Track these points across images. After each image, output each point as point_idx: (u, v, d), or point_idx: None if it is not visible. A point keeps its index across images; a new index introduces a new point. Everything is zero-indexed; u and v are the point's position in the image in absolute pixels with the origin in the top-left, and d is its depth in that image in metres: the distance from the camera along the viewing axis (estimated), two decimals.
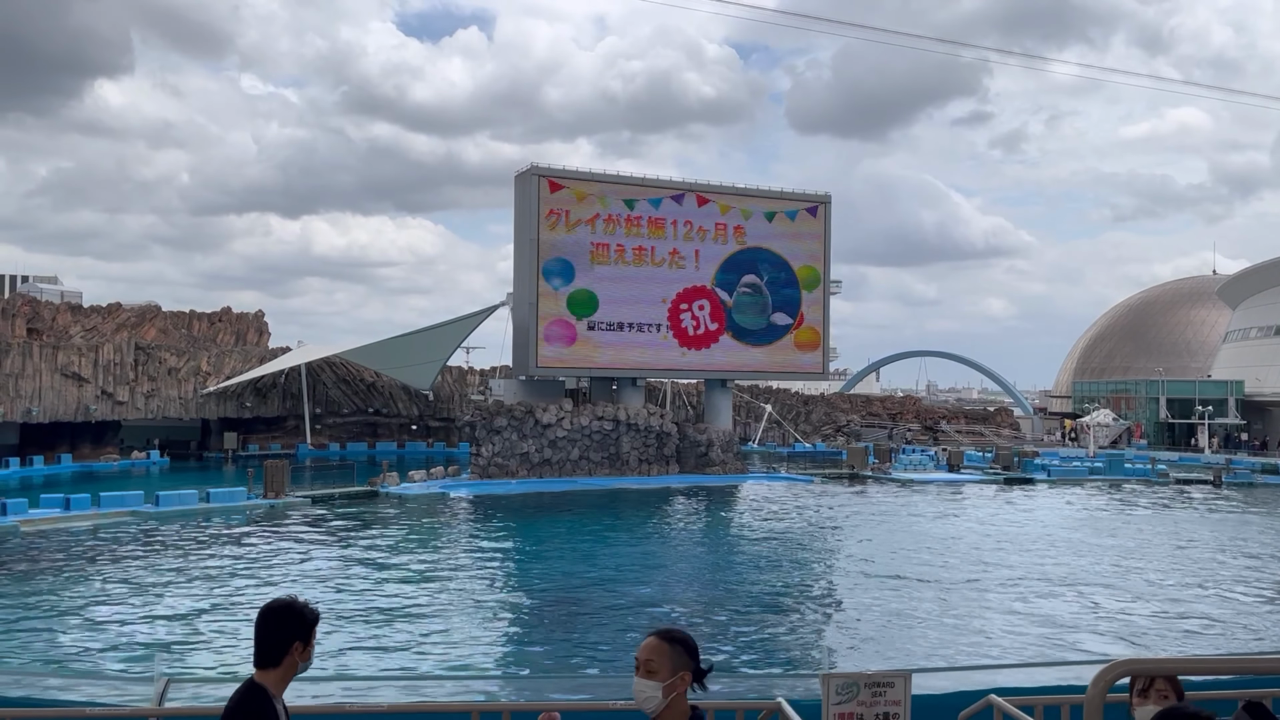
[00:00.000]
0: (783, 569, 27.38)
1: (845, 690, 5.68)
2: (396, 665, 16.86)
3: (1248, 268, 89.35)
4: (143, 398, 58.52)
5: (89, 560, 26.32)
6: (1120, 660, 3.45)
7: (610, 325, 52.67)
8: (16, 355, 53.61)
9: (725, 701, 7.84)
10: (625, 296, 52.88)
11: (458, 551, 29.68)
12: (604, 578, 25.49)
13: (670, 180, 55.25)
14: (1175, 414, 77.64)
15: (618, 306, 52.76)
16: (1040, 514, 39.93)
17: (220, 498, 37.03)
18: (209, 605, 21.13)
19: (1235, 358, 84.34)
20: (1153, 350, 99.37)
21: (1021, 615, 21.25)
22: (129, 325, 63.40)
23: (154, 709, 6.93)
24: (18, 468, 48.88)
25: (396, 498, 41.31)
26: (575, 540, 32.52)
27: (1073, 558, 28.89)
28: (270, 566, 25.97)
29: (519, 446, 48.94)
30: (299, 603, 4.25)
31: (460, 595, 22.89)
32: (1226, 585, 25.16)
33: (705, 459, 52.39)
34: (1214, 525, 37.19)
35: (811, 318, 57.29)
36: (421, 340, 59.71)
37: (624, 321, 52.94)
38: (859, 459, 55.88)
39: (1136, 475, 54.30)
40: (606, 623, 20.49)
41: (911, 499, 44.15)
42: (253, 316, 70.21)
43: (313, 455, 57.50)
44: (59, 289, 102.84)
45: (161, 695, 7.16)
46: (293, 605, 4.25)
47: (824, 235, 57.65)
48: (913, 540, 31.98)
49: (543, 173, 51.71)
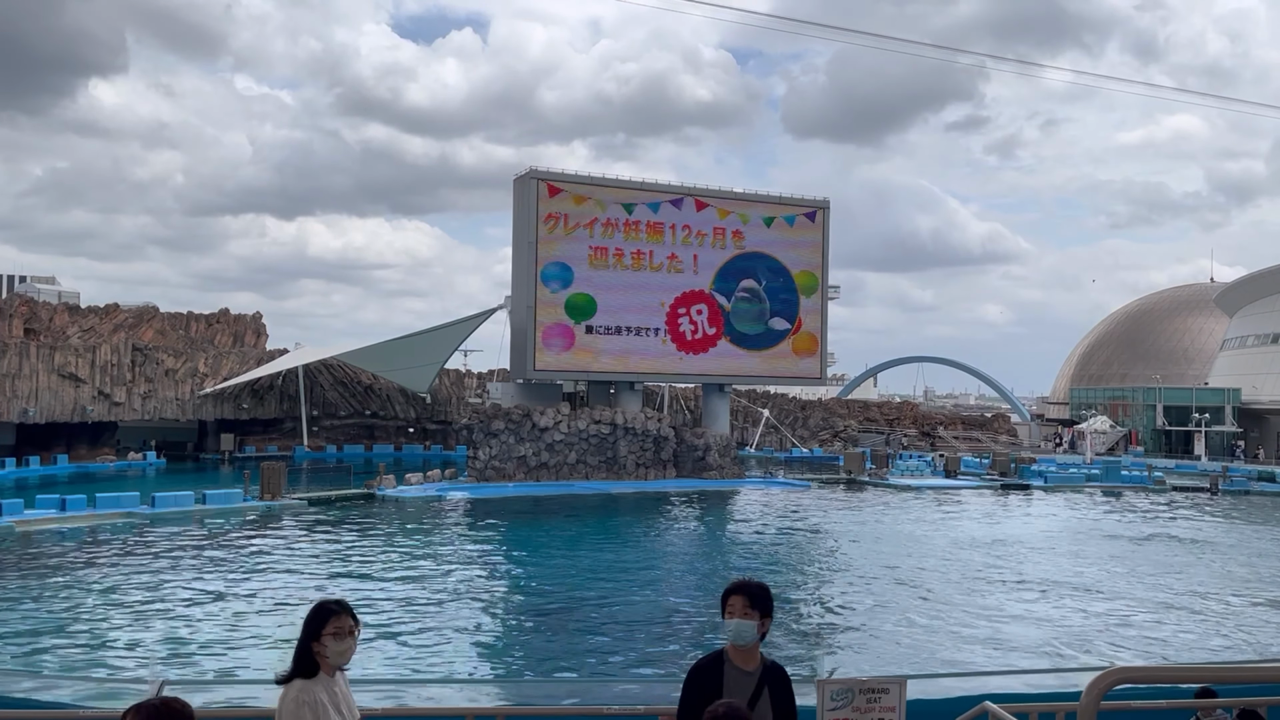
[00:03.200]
0: (778, 574, 27.37)
1: (840, 696, 5.68)
2: (390, 669, 16.84)
3: (1245, 275, 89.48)
4: (139, 399, 58.47)
5: (84, 561, 26.28)
6: (1114, 668, 3.46)
7: (608, 329, 52.67)
8: (13, 355, 53.56)
9: None
10: (623, 301, 52.89)
11: (453, 555, 29.65)
12: (600, 582, 25.47)
13: (669, 185, 55.29)
14: (1172, 421, 77.72)
15: (616, 311, 52.77)
16: (1036, 520, 39.96)
17: (216, 499, 36.98)
18: (205, 607, 21.10)
19: (1232, 365, 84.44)
20: (1150, 357, 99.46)
21: (1017, 621, 21.26)
22: (126, 326, 63.35)
23: None
24: (13, 468, 48.81)
25: (393, 500, 41.28)
26: (571, 544, 32.50)
27: (1068, 563, 28.91)
28: (266, 568, 25.93)
29: (516, 450, 48.93)
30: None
31: (455, 599, 22.87)
32: (1222, 593, 25.17)
33: (702, 463, 52.39)
34: (1210, 532, 37.22)
35: (809, 323, 57.30)
36: (419, 343, 59.69)
37: (622, 326, 52.95)
38: (856, 464, 55.88)
39: (1133, 482, 54.34)
40: (601, 627, 20.48)
41: (908, 505, 44.16)
42: (250, 318, 70.19)
43: (309, 457, 57.46)
44: (56, 289, 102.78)
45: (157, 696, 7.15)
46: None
47: (822, 240, 57.71)
48: (908, 546, 31.98)
49: (541, 176, 51.74)
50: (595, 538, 33.94)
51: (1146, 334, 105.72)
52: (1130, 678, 3.54)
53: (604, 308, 52.42)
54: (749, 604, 5.29)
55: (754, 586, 5.37)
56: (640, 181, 54.46)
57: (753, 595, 5.32)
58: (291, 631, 20.35)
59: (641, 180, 54.65)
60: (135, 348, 59.23)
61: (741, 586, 5.37)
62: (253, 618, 20.28)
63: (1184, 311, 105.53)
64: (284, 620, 19.92)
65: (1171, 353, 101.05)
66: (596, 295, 52.28)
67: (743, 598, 5.31)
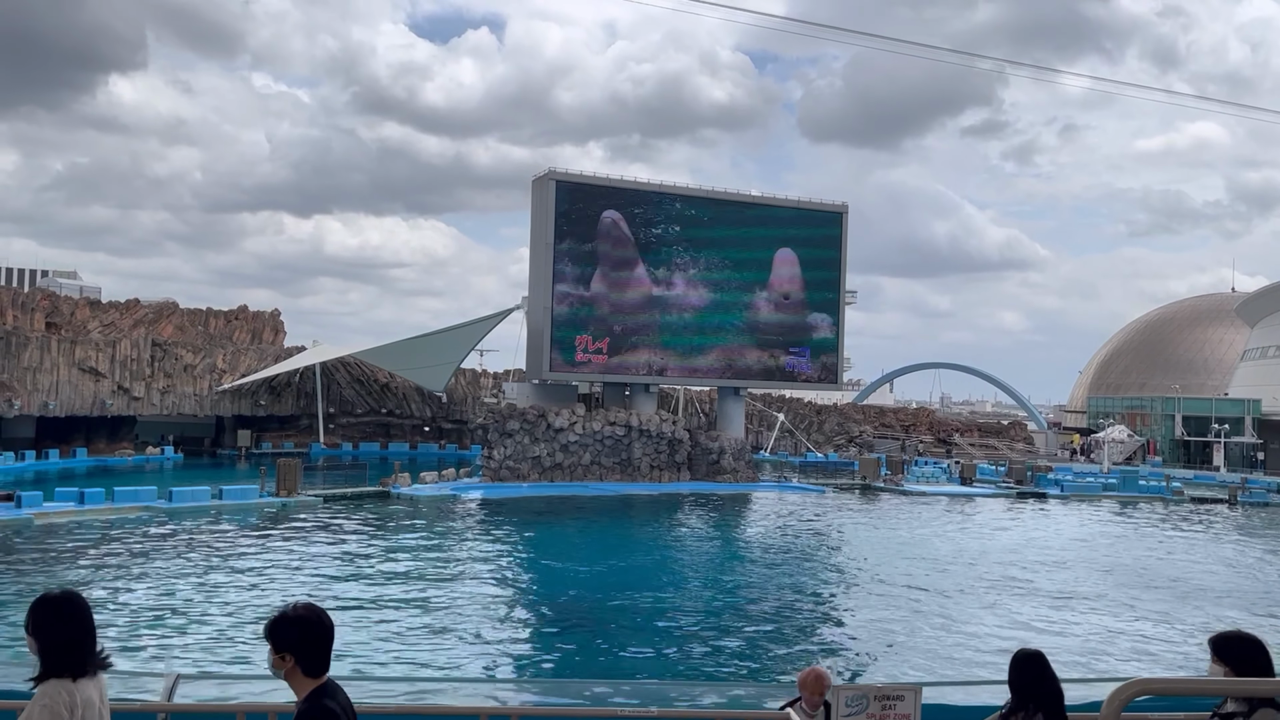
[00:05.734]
0: (792, 579, 27.29)
1: (855, 703, 5.64)
2: (404, 667, 16.87)
3: (1266, 286, 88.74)
4: (158, 394, 58.86)
5: (102, 554, 26.45)
6: (1135, 679, 3.42)
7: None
8: (35, 349, 54.01)
9: (734, 711, 7.81)
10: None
11: (467, 554, 29.70)
12: (613, 583, 25.45)
13: (686, 187, 55.26)
14: (1191, 431, 77.10)
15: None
16: (1053, 529, 39.69)
17: (233, 495, 37.17)
18: (220, 601, 21.19)
19: (1253, 376, 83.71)
20: (1169, 367, 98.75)
21: (1034, 630, 21.11)
22: (146, 321, 63.79)
23: (163, 704, 6.94)
24: (33, 461, 49.22)
25: (408, 499, 41.39)
26: (585, 545, 32.50)
27: (1085, 573, 28.70)
28: (281, 564, 26.03)
29: (531, 450, 48.97)
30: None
31: (469, 598, 22.89)
32: (1243, 606, 24.93)
33: (717, 466, 52.30)
34: (1230, 544, 36.89)
35: (827, 326, 57.27)
36: (436, 342, 59.87)
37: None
38: (871, 470, 55.67)
39: (1150, 493, 53.89)
40: (615, 628, 20.45)
41: (923, 511, 43.94)
42: (269, 315, 70.55)
43: (325, 454, 57.67)
44: (78, 284, 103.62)
45: (171, 691, 7.17)
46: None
47: (840, 245, 57.59)
48: (924, 552, 31.82)
49: (559, 177, 51.81)
50: (609, 539, 33.92)
51: (1166, 343, 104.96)
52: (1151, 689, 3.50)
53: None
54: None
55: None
56: (658, 184, 54.47)
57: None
58: None
59: (660, 183, 54.65)
60: (155, 343, 59.64)
61: None
62: (264, 610, 20.34)
63: (1204, 321, 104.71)
64: None
65: (1191, 363, 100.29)
66: (613, 296, 52.39)
67: None
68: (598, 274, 52.15)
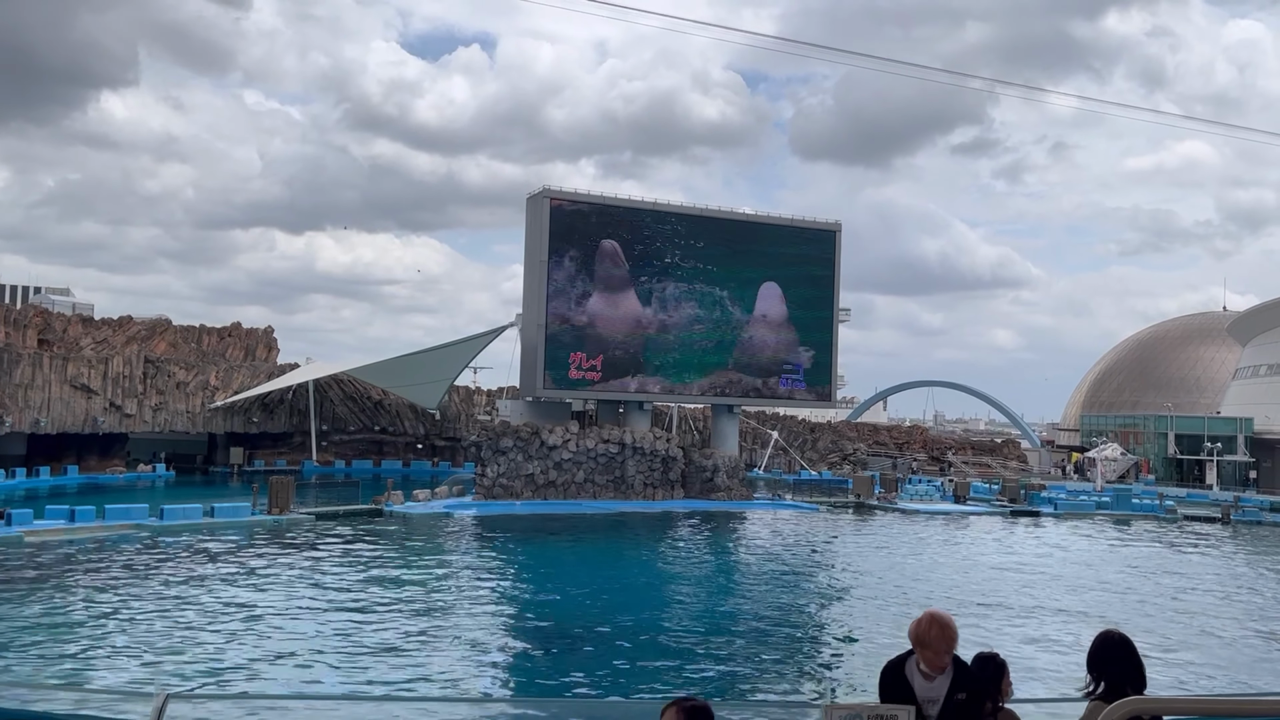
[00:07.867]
0: (785, 597, 27.23)
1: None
2: (396, 685, 16.77)
3: (1258, 305, 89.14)
4: (150, 411, 58.67)
5: (92, 572, 26.30)
6: (1127, 699, 3.42)
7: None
8: (27, 366, 53.84)
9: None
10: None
11: (459, 573, 29.59)
12: (605, 602, 25.36)
13: (680, 205, 55.41)
14: (1184, 450, 77.27)
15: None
16: (1047, 547, 39.66)
17: (225, 512, 37.00)
18: (210, 620, 21.06)
19: (1245, 395, 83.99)
20: (1162, 385, 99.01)
21: (1028, 648, 21.05)
22: (139, 338, 63.65)
23: None
24: (24, 478, 48.96)
25: (400, 516, 41.23)
26: (578, 564, 32.39)
27: (1078, 591, 28.67)
28: (272, 583, 25.90)
29: (524, 468, 48.87)
30: None
31: (460, 617, 22.79)
32: (1235, 625, 24.93)
33: (710, 484, 52.24)
34: (1222, 564, 36.91)
35: (820, 344, 57.34)
36: (429, 359, 59.81)
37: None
38: (865, 488, 55.63)
39: (1144, 511, 53.92)
40: (605, 647, 20.37)
41: (917, 529, 43.90)
42: (262, 332, 70.43)
43: (318, 472, 57.48)
44: (71, 300, 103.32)
45: (160, 711, 7.12)
46: None
47: (834, 263, 57.75)
48: (918, 571, 31.78)
49: (553, 195, 51.91)
50: (602, 557, 33.83)
51: (1158, 362, 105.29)
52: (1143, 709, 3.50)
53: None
54: None
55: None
56: (653, 202, 54.61)
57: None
58: (294, 644, 20.31)
59: (653, 200, 54.80)
60: (147, 360, 59.49)
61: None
62: (256, 629, 20.24)
63: (1196, 340, 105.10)
64: (287, 633, 19.88)
65: (1183, 381, 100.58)
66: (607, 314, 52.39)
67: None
68: (592, 291, 52.19)
